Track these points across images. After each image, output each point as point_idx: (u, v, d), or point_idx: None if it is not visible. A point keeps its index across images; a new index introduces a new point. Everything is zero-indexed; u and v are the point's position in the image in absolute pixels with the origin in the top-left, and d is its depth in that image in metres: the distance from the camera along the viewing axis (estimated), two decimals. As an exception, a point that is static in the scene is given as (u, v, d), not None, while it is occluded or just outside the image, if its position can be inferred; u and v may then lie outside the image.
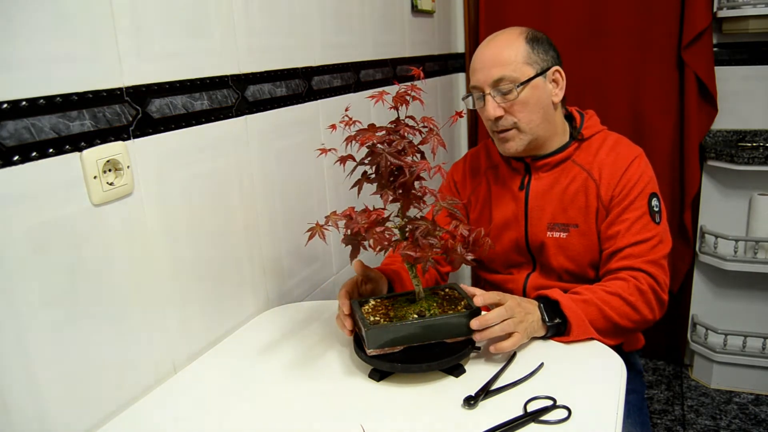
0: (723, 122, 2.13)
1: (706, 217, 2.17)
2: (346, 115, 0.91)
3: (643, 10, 2.06)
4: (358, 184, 0.93)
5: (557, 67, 1.19)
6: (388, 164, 0.87)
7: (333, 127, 0.91)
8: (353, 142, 0.88)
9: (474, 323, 0.92)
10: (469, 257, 0.90)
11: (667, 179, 2.13)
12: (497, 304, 0.97)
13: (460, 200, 0.91)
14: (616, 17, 2.09)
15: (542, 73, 1.16)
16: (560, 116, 1.24)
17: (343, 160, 0.92)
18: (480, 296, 0.97)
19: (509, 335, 0.95)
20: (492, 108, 1.15)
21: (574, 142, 1.23)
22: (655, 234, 1.15)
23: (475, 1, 2.30)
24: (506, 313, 0.95)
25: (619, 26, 2.09)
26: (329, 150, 0.91)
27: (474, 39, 2.34)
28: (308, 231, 0.89)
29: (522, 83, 1.14)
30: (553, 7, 2.16)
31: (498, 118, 1.16)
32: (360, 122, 0.90)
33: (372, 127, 0.89)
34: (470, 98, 1.21)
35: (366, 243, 0.88)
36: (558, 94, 1.20)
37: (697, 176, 2.08)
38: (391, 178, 0.89)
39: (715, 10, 1.98)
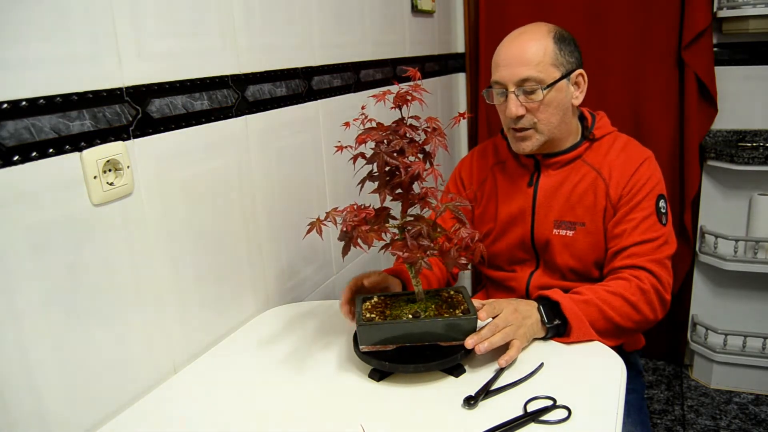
0: (723, 122, 2.13)
1: (706, 217, 2.17)
2: (363, 113, 0.91)
3: (643, 10, 2.05)
4: (363, 182, 0.93)
5: (581, 71, 1.19)
6: (384, 164, 0.87)
7: (347, 124, 0.91)
8: (364, 141, 0.88)
9: (469, 341, 0.91)
10: (462, 261, 0.90)
11: (667, 179, 2.11)
12: (496, 315, 0.97)
13: (468, 201, 0.91)
14: (616, 17, 2.09)
15: (567, 75, 1.16)
16: (575, 117, 1.24)
17: (354, 158, 0.92)
18: (483, 312, 0.96)
19: (508, 343, 0.95)
20: (515, 107, 1.14)
21: (585, 142, 1.23)
22: (660, 234, 1.15)
23: (475, 1, 2.30)
24: (501, 323, 0.95)
25: (619, 26, 2.09)
26: (345, 147, 0.91)
27: (474, 39, 2.34)
28: (308, 225, 0.90)
29: (548, 86, 1.13)
30: (552, 7, 2.16)
31: (519, 117, 1.16)
32: (374, 120, 0.90)
33: (381, 127, 0.89)
34: (489, 92, 1.20)
35: (359, 240, 0.89)
36: (579, 97, 1.20)
37: (697, 176, 2.08)
38: (388, 178, 0.89)
39: (715, 10, 1.98)
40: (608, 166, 1.20)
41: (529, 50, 1.14)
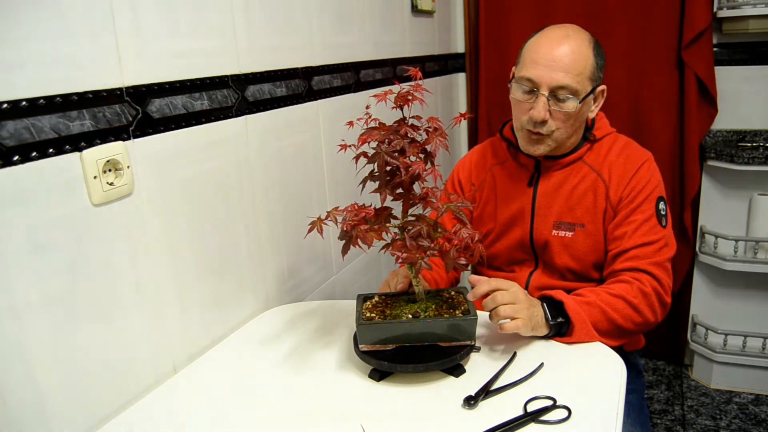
0: (723, 122, 2.13)
1: (706, 217, 2.17)
2: (367, 113, 0.90)
3: (643, 10, 2.05)
4: (364, 182, 0.93)
5: (604, 87, 1.19)
6: (385, 164, 0.87)
7: (350, 124, 0.90)
8: (366, 141, 0.89)
9: (475, 291, 0.96)
10: (462, 261, 0.90)
11: (667, 179, 2.11)
12: (499, 289, 0.99)
13: (468, 202, 0.92)
14: (616, 17, 2.09)
15: (594, 90, 1.16)
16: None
17: (357, 157, 0.92)
18: (485, 282, 0.98)
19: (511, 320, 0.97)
20: (543, 111, 1.12)
21: (586, 143, 1.23)
22: (661, 237, 1.15)
23: (475, 1, 2.30)
24: (511, 298, 0.97)
25: (619, 26, 2.09)
26: (349, 146, 0.90)
27: (474, 39, 2.33)
28: (309, 225, 0.90)
29: (582, 99, 1.13)
30: (552, 7, 2.16)
31: (541, 122, 1.14)
32: (377, 120, 0.90)
33: (382, 126, 0.89)
34: (514, 86, 1.17)
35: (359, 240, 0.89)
36: (594, 111, 1.21)
37: (697, 176, 2.08)
38: (388, 178, 0.89)
39: (715, 10, 1.98)
40: (608, 168, 1.20)
41: (574, 58, 1.11)
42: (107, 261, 0.85)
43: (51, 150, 0.76)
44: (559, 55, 1.11)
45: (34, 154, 0.74)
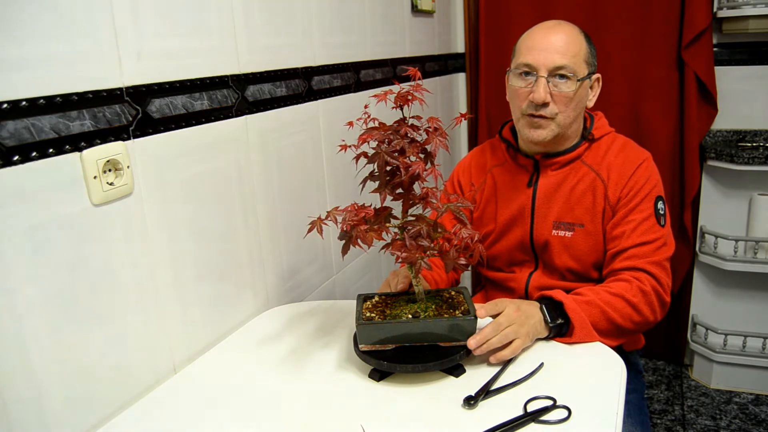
0: (723, 122, 2.13)
1: (706, 217, 2.17)
2: (366, 113, 0.91)
3: (643, 10, 2.05)
4: (364, 182, 0.93)
5: (599, 75, 1.22)
6: (385, 164, 0.87)
7: (350, 124, 0.91)
8: (365, 141, 0.89)
9: (471, 342, 0.91)
10: (462, 262, 0.90)
11: (667, 179, 2.12)
12: (497, 313, 0.98)
13: (469, 202, 0.92)
14: (616, 18, 2.09)
15: (590, 75, 1.18)
16: (581, 118, 1.25)
17: (357, 157, 0.92)
18: (482, 310, 0.97)
19: (509, 343, 0.95)
20: (544, 92, 1.14)
21: (584, 142, 1.24)
22: (659, 236, 1.15)
23: (475, 1, 2.30)
24: (504, 321, 0.95)
25: (619, 26, 2.09)
26: (349, 146, 0.91)
27: (474, 39, 2.33)
28: (309, 224, 0.90)
29: (581, 78, 1.15)
30: (553, 7, 2.16)
31: (543, 105, 1.15)
32: (377, 120, 0.90)
33: (382, 126, 0.89)
34: (512, 75, 1.19)
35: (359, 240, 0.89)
36: (592, 99, 1.23)
37: (697, 176, 2.08)
38: (388, 178, 0.89)
39: (715, 10, 1.98)
40: (607, 168, 1.20)
41: (568, 41, 1.15)
42: (107, 261, 0.85)
43: (51, 150, 0.76)
44: (554, 39, 1.16)
45: (34, 154, 0.74)
